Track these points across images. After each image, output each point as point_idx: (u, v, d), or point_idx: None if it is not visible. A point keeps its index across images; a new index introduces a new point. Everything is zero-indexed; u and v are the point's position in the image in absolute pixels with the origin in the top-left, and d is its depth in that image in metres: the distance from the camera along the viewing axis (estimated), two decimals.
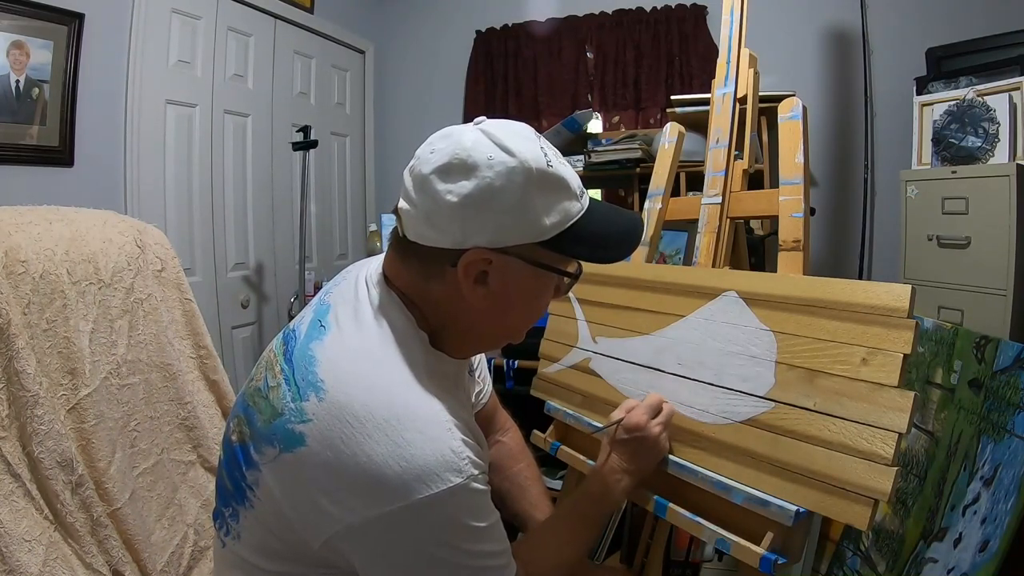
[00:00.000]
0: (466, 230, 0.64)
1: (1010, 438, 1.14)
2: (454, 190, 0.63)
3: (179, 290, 1.03)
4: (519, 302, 0.71)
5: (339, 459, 0.61)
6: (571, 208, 0.68)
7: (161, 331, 0.97)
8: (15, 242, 0.81)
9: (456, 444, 0.63)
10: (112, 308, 0.91)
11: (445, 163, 0.64)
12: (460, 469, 0.62)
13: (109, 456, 0.86)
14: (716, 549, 1.01)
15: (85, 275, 0.88)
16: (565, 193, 0.67)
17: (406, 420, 0.62)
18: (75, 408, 0.84)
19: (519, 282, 0.69)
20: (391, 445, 0.60)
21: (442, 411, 0.65)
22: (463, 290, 0.67)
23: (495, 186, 0.63)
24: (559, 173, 0.66)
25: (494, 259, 0.65)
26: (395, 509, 0.60)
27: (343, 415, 0.62)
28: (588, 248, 0.70)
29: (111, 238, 0.95)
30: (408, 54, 3.30)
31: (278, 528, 0.66)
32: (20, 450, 0.76)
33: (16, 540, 0.72)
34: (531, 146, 0.65)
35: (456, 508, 0.62)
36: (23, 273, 0.81)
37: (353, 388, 0.63)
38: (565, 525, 0.86)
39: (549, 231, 0.66)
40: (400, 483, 0.59)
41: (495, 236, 0.64)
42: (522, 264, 0.67)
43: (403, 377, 0.65)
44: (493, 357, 1.94)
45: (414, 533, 0.62)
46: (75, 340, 0.85)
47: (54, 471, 0.78)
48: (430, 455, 0.61)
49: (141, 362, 0.94)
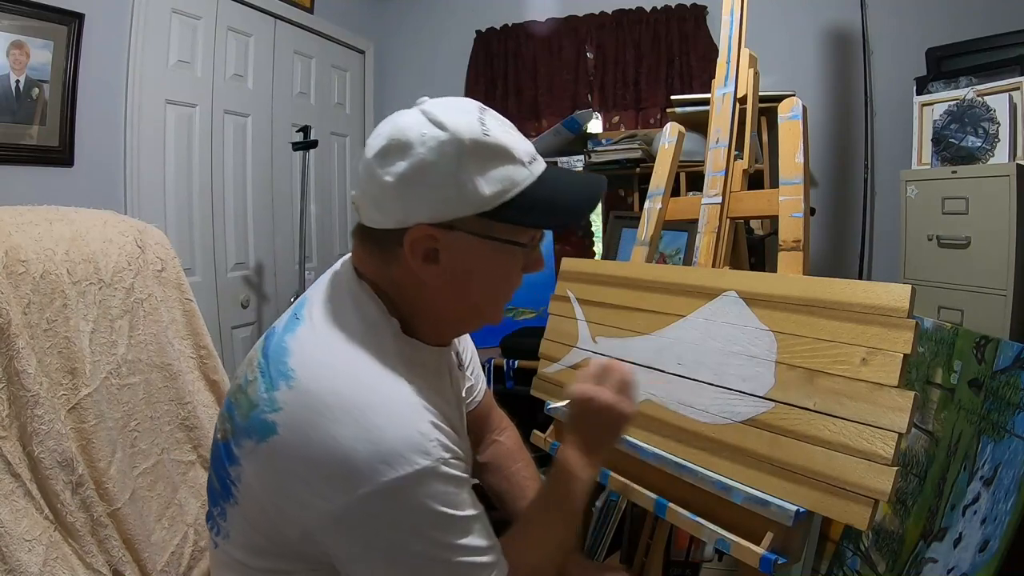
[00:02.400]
0: (406, 209, 0.65)
1: (1010, 438, 1.14)
2: (391, 171, 0.64)
3: (179, 290, 1.03)
4: (478, 278, 0.70)
5: (308, 446, 0.61)
6: (516, 175, 0.66)
7: (161, 331, 0.97)
8: (15, 242, 0.81)
9: (424, 426, 0.62)
10: (112, 308, 0.91)
11: (383, 146, 0.65)
12: (428, 451, 0.61)
13: (109, 456, 0.86)
14: (716, 549, 1.01)
15: (85, 275, 0.88)
16: (506, 161, 0.66)
17: (373, 404, 0.62)
18: (75, 408, 0.83)
19: (473, 258, 0.68)
20: (358, 428, 0.60)
21: (411, 394, 0.64)
22: (416, 270, 0.67)
23: (428, 161, 0.63)
24: (499, 142, 0.66)
25: (439, 235, 0.66)
26: (364, 494, 0.59)
27: (311, 402, 0.62)
28: (539, 215, 0.68)
29: (111, 238, 0.95)
30: (408, 54, 3.30)
31: (261, 523, 0.66)
32: (20, 450, 0.76)
33: (16, 540, 0.71)
34: (467, 118, 0.65)
35: (427, 494, 0.61)
36: (23, 273, 0.80)
37: (322, 375, 0.64)
38: (540, 516, 0.80)
39: (490, 201, 0.65)
40: (367, 466, 0.59)
41: (434, 211, 0.65)
42: (471, 238, 0.67)
43: (372, 363, 0.65)
44: (493, 357, 1.94)
45: (386, 520, 0.60)
46: (75, 340, 0.85)
47: (54, 471, 0.78)
48: (396, 437, 0.60)
49: (141, 362, 0.94)
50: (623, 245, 2.15)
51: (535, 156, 0.70)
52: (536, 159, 0.70)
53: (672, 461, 0.95)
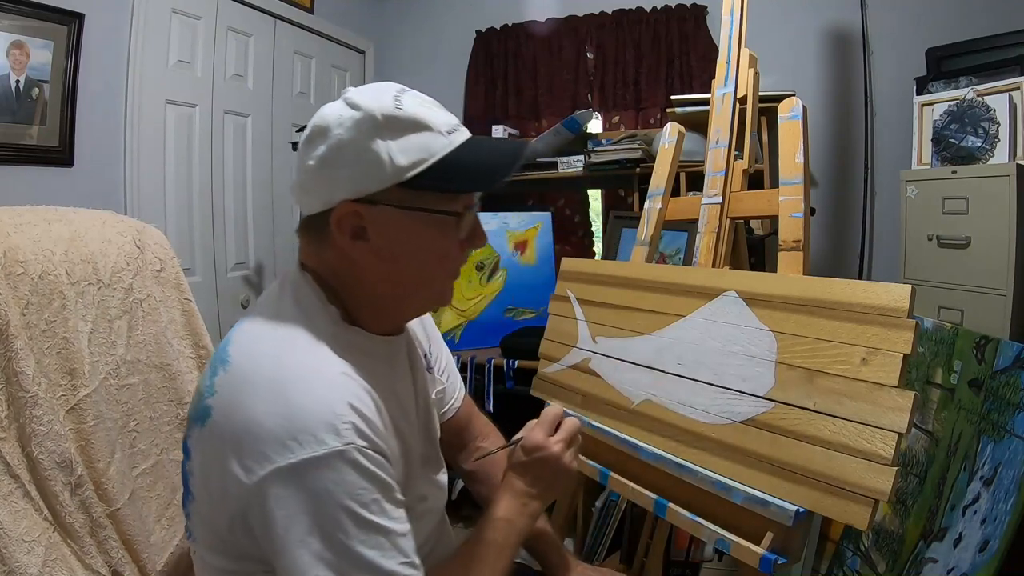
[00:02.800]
0: (330, 188, 0.67)
1: (1010, 438, 1.14)
2: (313, 155, 0.67)
3: (178, 290, 1.03)
4: (409, 253, 0.70)
5: (232, 424, 0.62)
6: (432, 144, 0.67)
7: (160, 331, 0.97)
8: (13, 243, 0.81)
9: (340, 407, 0.61)
10: (111, 308, 0.91)
11: (307, 135, 0.69)
12: (339, 432, 0.59)
13: (108, 457, 0.86)
14: (716, 549, 1.01)
15: (84, 275, 0.88)
16: (421, 132, 0.67)
17: (292, 380, 0.62)
18: (74, 409, 0.83)
19: (400, 231, 0.68)
20: (274, 404, 0.60)
21: (335, 375, 0.64)
22: (346, 250, 0.68)
23: (344, 140, 0.65)
24: (413, 114, 0.67)
25: (363, 211, 0.67)
26: (273, 471, 0.58)
27: (239, 383, 0.64)
28: (459, 180, 0.68)
29: (110, 238, 0.94)
30: (408, 54, 3.30)
31: (209, 516, 0.66)
32: (19, 451, 0.76)
33: (15, 541, 0.71)
34: (381, 96, 0.67)
35: (334, 480, 0.59)
36: (22, 274, 0.80)
37: (252, 358, 0.65)
38: (472, 556, 0.75)
39: (406, 171, 0.65)
40: (278, 442, 0.59)
41: (354, 187, 0.66)
42: (394, 211, 0.67)
43: (300, 345, 0.66)
44: (493, 357, 1.94)
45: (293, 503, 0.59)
46: (74, 340, 0.84)
47: (53, 472, 0.78)
48: (309, 414, 0.60)
49: (140, 362, 0.93)
50: (623, 245, 2.14)
51: (457, 127, 0.70)
52: (458, 130, 0.70)
53: (672, 461, 0.95)
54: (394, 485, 0.65)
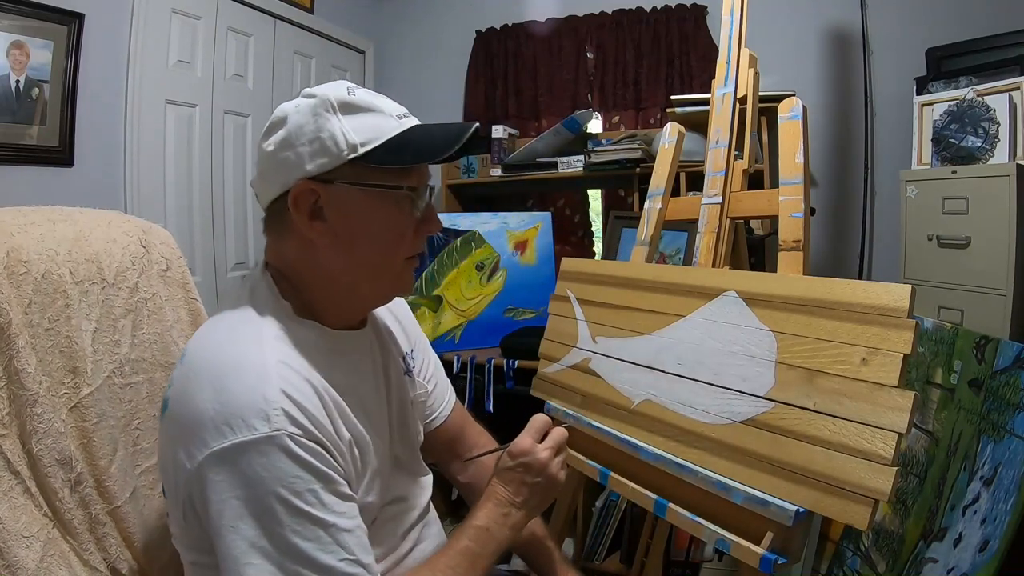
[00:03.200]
0: (287, 170, 0.69)
1: (1010, 438, 1.14)
2: (271, 140, 0.71)
3: (184, 290, 1.03)
4: (364, 231, 0.71)
5: (180, 412, 0.64)
6: (384, 125, 0.69)
7: (165, 331, 0.97)
8: (17, 243, 0.81)
9: (272, 393, 0.61)
10: (115, 308, 0.91)
11: (267, 126, 0.72)
12: (269, 418, 0.60)
13: (110, 454, 0.86)
14: (716, 549, 1.01)
15: (88, 275, 0.88)
16: (373, 114, 0.70)
17: (232, 369, 0.63)
18: (77, 406, 0.84)
19: (356, 209, 0.70)
20: (212, 391, 0.62)
21: (271, 362, 0.64)
22: (305, 231, 0.70)
23: (299, 123, 0.69)
24: (365, 100, 0.70)
25: (320, 190, 0.69)
26: (208, 456, 0.59)
27: (186, 372, 0.66)
28: (408, 155, 0.69)
29: (115, 238, 0.95)
30: (408, 54, 3.30)
31: (171, 507, 0.68)
32: (20, 447, 0.76)
33: (14, 536, 0.72)
34: (336, 86, 0.71)
35: (264, 466, 0.59)
36: (25, 273, 0.81)
37: (200, 350, 0.68)
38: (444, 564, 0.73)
39: (359, 147, 0.67)
40: (213, 426, 0.60)
41: (309, 164, 0.68)
42: (350, 188, 0.69)
43: (244, 336, 0.67)
44: (493, 357, 1.94)
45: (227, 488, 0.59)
46: (77, 339, 0.85)
47: (53, 469, 0.78)
48: (241, 400, 0.61)
49: (145, 361, 0.94)
50: (623, 245, 2.15)
51: (406, 114, 0.73)
52: (407, 116, 0.73)
53: (672, 461, 0.95)
54: (336, 478, 0.64)
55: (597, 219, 3.08)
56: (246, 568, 0.59)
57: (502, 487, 0.80)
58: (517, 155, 2.58)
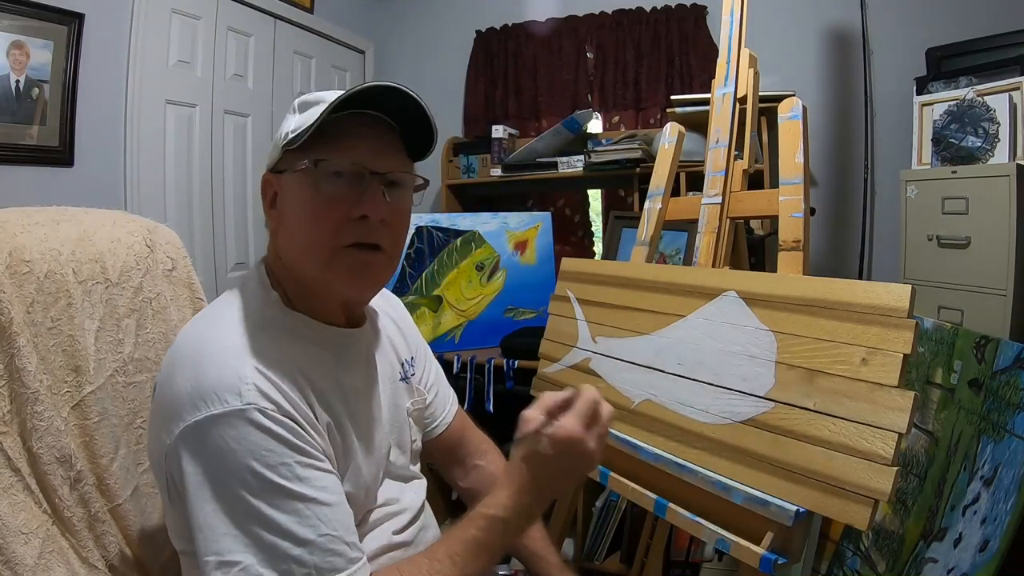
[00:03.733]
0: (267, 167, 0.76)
1: (1010, 438, 1.14)
2: None
3: (190, 289, 1.04)
4: (291, 212, 0.73)
5: (162, 393, 0.66)
6: (318, 113, 0.68)
7: (170, 330, 0.98)
8: (20, 243, 0.82)
9: (245, 370, 0.63)
10: (119, 307, 0.92)
11: None
12: (240, 392, 0.61)
13: (112, 453, 0.87)
14: (716, 549, 1.01)
15: (92, 275, 0.89)
16: (319, 105, 0.70)
17: (208, 351, 0.65)
18: (79, 405, 0.84)
19: (288, 192, 0.73)
20: (190, 371, 0.64)
21: (249, 347, 0.65)
22: (270, 220, 0.76)
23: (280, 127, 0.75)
24: (319, 96, 0.73)
25: (272, 179, 0.75)
26: (183, 430, 0.61)
27: (172, 357, 0.69)
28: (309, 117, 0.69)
29: (120, 238, 0.95)
30: (408, 54, 3.30)
31: (161, 494, 0.69)
32: (21, 445, 0.77)
33: (13, 532, 0.72)
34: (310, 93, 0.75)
35: (236, 438, 0.59)
36: (27, 273, 0.81)
37: (185, 336, 0.71)
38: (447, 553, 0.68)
39: (290, 135, 0.71)
40: (189, 402, 0.62)
41: (269, 160, 0.75)
42: (289, 175, 0.72)
43: (225, 322, 0.69)
44: (493, 357, 1.94)
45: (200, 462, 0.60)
46: (80, 338, 0.85)
47: (52, 466, 0.78)
48: (215, 376, 0.62)
49: (149, 360, 0.94)
50: (623, 245, 2.14)
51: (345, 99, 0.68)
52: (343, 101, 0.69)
53: (672, 461, 0.95)
54: (314, 452, 0.64)
55: (597, 219, 3.09)
56: (224, 539, 0.59)
57: (530, 474, 0.68)
58: (517, 155, 2.58)
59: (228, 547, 0.59)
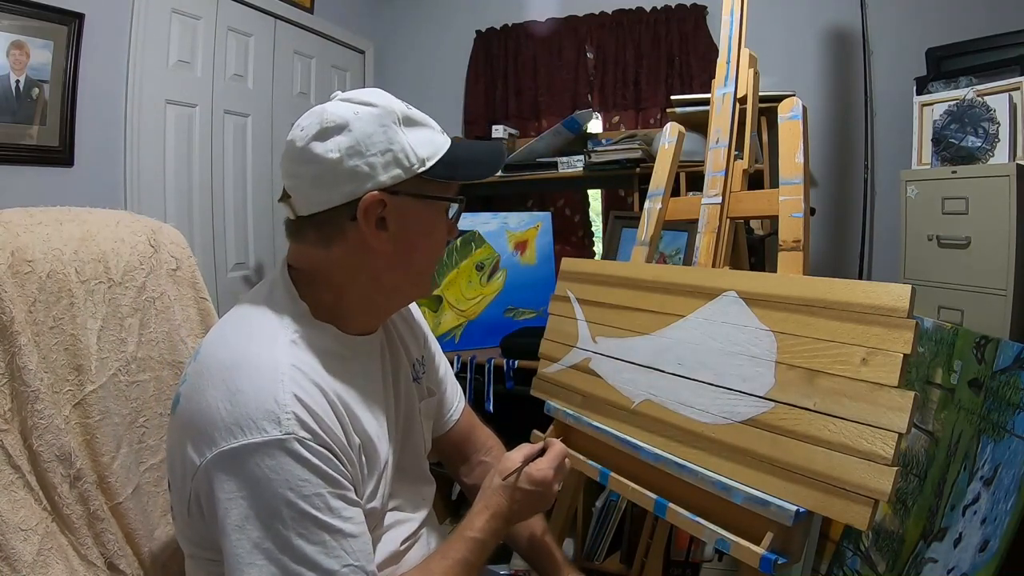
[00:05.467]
0: (355, 179, 0.69)
1: (1010, 438, 1.14)
2: (332, 147, 0.68)
3: (194, 289, 1.04)
4: (421, 240, 0.74)
5: (191, 408, 0.65)
6: (437, 140, 0.74)
7: (173, 329, 0.98)
8: (22, 243, 0.82)
9: (283, 396, 0.62)
10: (122, 307, 0.92)
11: (318, 131, 0.69)
12: (280, 421, 0.60)
13: (113, 451, 0.87)
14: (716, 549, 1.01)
15: (94, 274, 0.89)
16: (430, 129, 0.74)
17: (243, 368, 0.64)
18: (81, 404, 0.84)
19: (416, 219, 0.73)
20: (224, 390, 0.63)
21: (284, 365, 0.65)
22: (368, 239, 0.70)
23: (367, 131, 0.69)
24: (419, 115, 0.74)
25: (388, 200, 0.70)
26: (218, 455, 0.60)
27: (200, 369, 0.67)
28: (465, 168, 0.75)
29: (123, 238, 0.95)
30: (408, 54, 3.30)
31: (175, 501, 0.69)
32: (21, 443, 0.77)
33: (12, 529, 0.73)
34: (389, 97, 0.73)
35: (273, 468, 0.59)
36: (29, 272, 0.81)
37: (214, 348, 0.69)
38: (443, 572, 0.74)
39: (427, 162, 0.71)
40: (224, 426, 0.61)
41: (382, 176, 0.69)
42: (413, 200, 0.72)
43: (257, 336, 0.68)
44: (493, 357, 1.94)
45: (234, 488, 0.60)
46: (82, 337, 0.85)
47: (52, 464, 0.79)
48: (253, 402, 0.61)
49: (152, 359, 0.94)
50: (623, 245, 2.14)
51: (443, 129, 0.77)
52: (444, 131, 0.77)
53: (672, 461, 0.95)
54: (344, 483, 0.65)
55: (597, 219, 3.09)
56: (249, 568, 0.59)
57: (510, 504, 0.80)
58: (517, 155, 2.58)
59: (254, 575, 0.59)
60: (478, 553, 0.76)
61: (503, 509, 0.80)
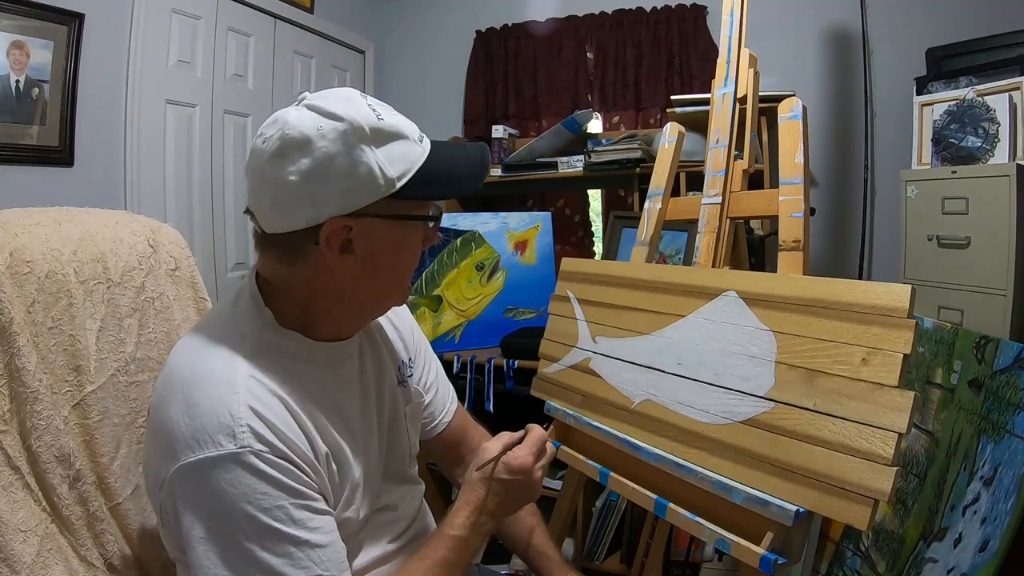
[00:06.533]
0: (316, 204, 0.64)
1: (1010, 438, 1.14)
2: (294, 169, 0.63)
3: (194, 289, 1.04)
4: (389, 260, 0.71)
5: (155, 421, 0.65)
6: (412, 154, 0.68)
7: (173, 330, 0.98)
8: (21, 243, 0.82)
9: (238, 409, 0.61)
10: (121, 307, 0.92)
11: (278, 147, 0.64)
12: (235, 435, 0.60)
13: (112, 452, 0.87)
14: (716, 549, 1.01)
15: (93, 274, 0.89)
16: (403, 142, 0.67)
17: (201, 381, 0.64)
18: (80, 404, 0.84)
19: (385, 239, 0.69)
20: (183, 404, 0.62)
21: (241, 377, 0.64)
22: (331, 264, 0.67)
23: (331, 153, 0.63)
24: (393, 125, 0.67)
25: (353, 224, 0.66)
26: (177, 469, 0.60)
27: (164, 380, 0.67)
28: (440, 187, 0.71)
29: (122, 238, 0.95)
30: (408, 54, 3.30)
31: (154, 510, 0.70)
32: (20, 443, 0.77)
33: (12, 530, 0.73)
34: (357, 106, 0.66)
35: (229, 482, 0.59)
36: (28, 273, 0.81)
37: (176, 360, 0.68)
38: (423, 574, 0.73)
39: (396, 182, 0.66)
40: (183, 440, 0.61)
41: (346, 202, 0.64)
42: (382, 222, 0.67)
43: (216, 346, 0.67)
44: (493, 357, 1.94)
45: (194, 501, 0.60)
46: (81, 338, 0.85)
47: (51, 465, 0.79)
48: (209, 415, 0.61)
49: (151, 360, 0.94)
50: (623, 245, 2.15)
51: (422, 134, 0.72)
52: (424, 136, 0.72)
53: (672, 461, 0.95)
54: (309, 493, 0.64)
55: (597, 219, 3.08)
56: None
57: (489, 496, 0.77)
58: (517, 155, 2.58)
59: None
60: (459, 551, 0.74)
61: (482, 502, 0.77)
